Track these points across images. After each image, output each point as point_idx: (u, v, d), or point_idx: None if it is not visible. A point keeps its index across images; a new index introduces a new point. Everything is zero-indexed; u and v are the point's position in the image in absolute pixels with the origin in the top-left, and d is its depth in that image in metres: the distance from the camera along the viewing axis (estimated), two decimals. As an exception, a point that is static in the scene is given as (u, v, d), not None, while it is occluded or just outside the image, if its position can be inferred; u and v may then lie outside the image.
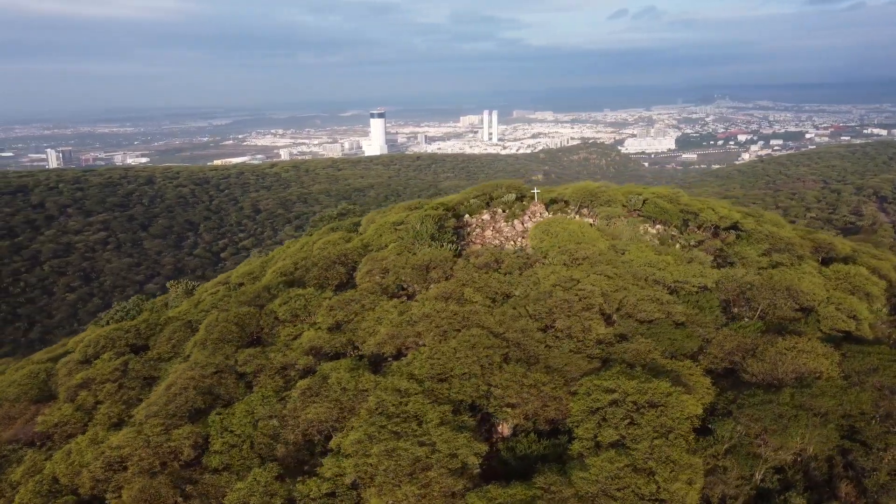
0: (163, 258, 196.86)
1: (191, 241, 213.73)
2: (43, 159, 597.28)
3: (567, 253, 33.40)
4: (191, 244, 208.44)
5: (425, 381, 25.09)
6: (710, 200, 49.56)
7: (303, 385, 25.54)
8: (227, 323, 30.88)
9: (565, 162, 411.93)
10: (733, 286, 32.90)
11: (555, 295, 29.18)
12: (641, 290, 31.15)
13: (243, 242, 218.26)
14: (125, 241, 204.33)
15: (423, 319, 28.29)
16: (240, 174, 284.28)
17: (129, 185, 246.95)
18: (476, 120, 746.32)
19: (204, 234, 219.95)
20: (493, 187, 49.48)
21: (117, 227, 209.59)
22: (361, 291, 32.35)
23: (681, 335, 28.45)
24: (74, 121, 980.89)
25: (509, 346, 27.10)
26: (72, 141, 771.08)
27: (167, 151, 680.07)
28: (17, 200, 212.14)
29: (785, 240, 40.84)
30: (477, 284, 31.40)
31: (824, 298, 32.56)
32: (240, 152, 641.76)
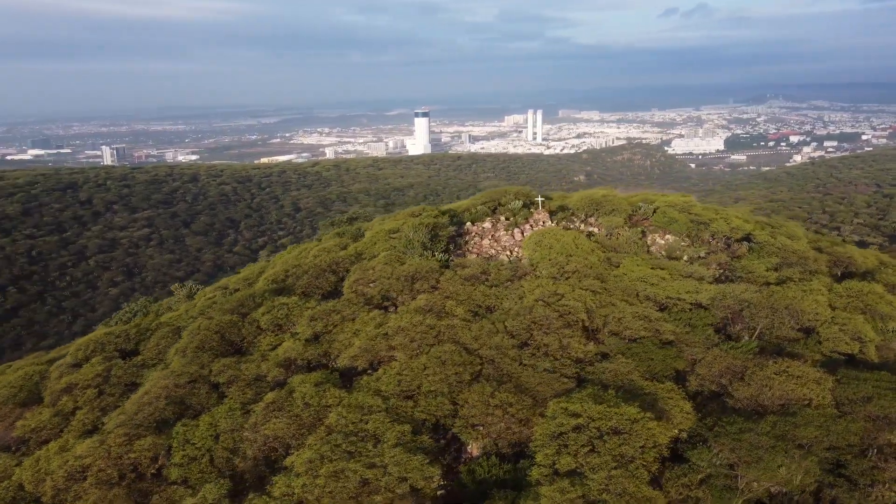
0: (203, 255, 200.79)
1: (231, 238, 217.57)
2: (98, 156, 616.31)
3: (557, 266, 32.42)
4: (231, 241, 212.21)
5: (391, 398, 24.55)
6: (726, 210, 47.76)
7: (269, 398, 25.26)
8: (208, 331, 30.85)
9: (608, 162, 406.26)
10: (730, 303, 31.44)
11: (535, 310, 28.29)
12: (630, 306, 30.01)
13: (282, 241, 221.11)
14: (168, 237, 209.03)
15: (397, 333, 27.73)
16: (282, 173, 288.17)
17: (174, 183, 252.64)
18: (521, 119, 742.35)
19: (244, 232, 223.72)
20: (501, 194, 48.64)
21: (161, 224, 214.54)
22: (344, 302, 31.97)
23: (664, 355, 27.25)
24: (130, 118, 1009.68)
25: (483, 363, 26.37)
26: (126, 138, 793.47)
27: (216, 149, 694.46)
28: (67, 197, 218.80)
29: (798, 253, 38.97)
30: (460, 297, 30.70)
31: (828, 318, 30.87)
32: (286, 150, 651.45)
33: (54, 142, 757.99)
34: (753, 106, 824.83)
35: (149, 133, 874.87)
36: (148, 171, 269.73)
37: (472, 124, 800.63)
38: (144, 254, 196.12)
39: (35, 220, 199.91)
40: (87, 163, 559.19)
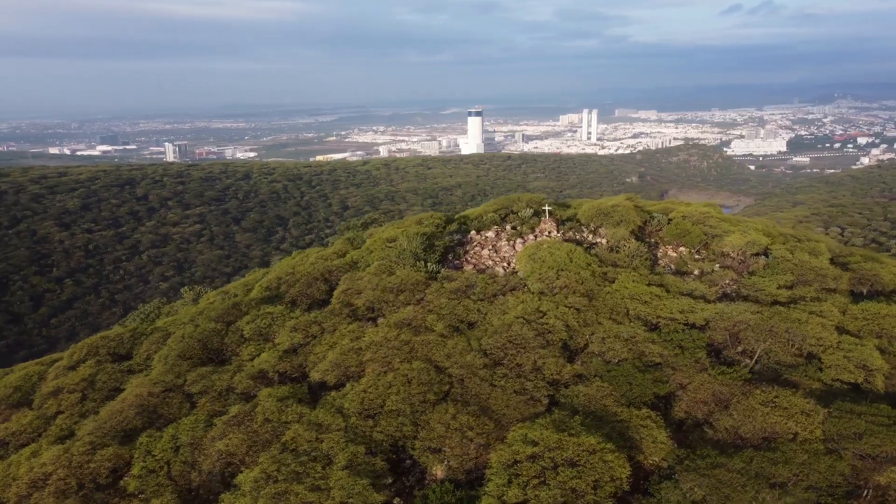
0: (251, 251, 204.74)
1: (279, 235, 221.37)
2: (161, 152, 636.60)
3: (545, 281, 31.32)
4: (279, 238, 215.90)
5: (352, 417, 24.02)
6: (751, 221, 45.64)
7: (233, 411, 25.06)
8: (190, 339, 30.92)
9: (663, 163, 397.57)
10: (726, 325, 29.79)
11: (513, 328, 27.34)
12: (617, 325, 28.73)
13: (329, 239, 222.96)
14: (218, 233, 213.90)
15: (370, 348, 27.20)
16: (332, 171, 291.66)
17: (227, 180, 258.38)
18: (576, 119, 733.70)
19: (292, 230, 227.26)
20: (514, 201, 47.62)
21: (212, 220, 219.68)
22: (326, 313, 31.61)
23: (644, 379, 25.91)
24: (193, 116, 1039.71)
25: (452, 382, 25.58)
26: (189, 135, 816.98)
27: (274, 146, 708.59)
28: (125, 192, 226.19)
29: (816, 270, 36.80)
30: (443, 311, 29.93)
31: (833, 343, 28.93)
32: (341, 148, 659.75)
33: (121, 138, 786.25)
34: (820, 106, 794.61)
35: (210, 130, 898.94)
36: (203, 169, 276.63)
37: (526, 123, 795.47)
38: (195, 249, 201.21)
39: (94, 215, 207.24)
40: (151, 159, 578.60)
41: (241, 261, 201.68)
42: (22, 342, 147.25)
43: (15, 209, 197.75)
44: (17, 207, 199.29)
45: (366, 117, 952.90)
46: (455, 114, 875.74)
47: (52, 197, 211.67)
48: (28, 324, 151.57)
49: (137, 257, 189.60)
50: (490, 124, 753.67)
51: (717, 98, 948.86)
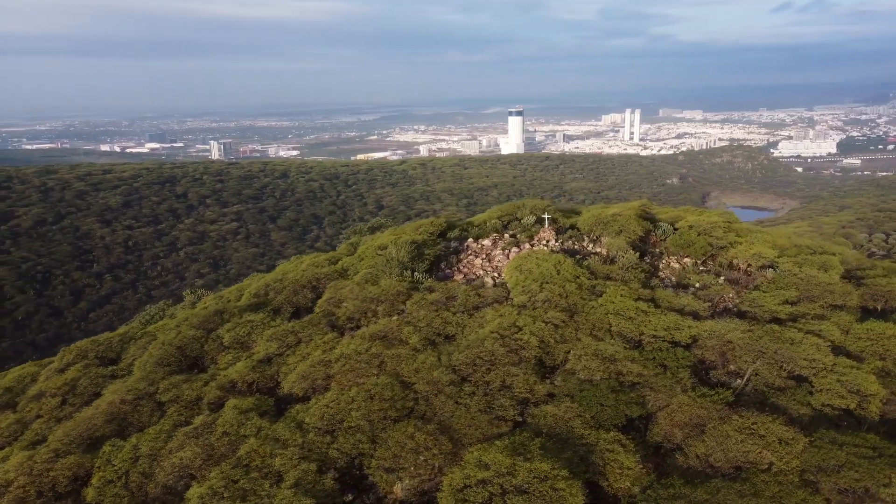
0: (286, 250, 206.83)
1: (314, 234, 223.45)
2: (207, 150, 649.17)
3: (528, 293, 30.45)
4: (313, 237, 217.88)
5: (311, 432, 23.61)
6: (761, 232, 43.88)
7: (197, 422, 24.91)
8: (170, 346, 30.95)
9: (706, 165, 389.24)
10: (714, 343, 28.51)
11: (485, 344, 26.58)
12: (597, 342, 27.71)
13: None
14: (254, 231, 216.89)
15: (338, 361, 26.77)
16: (369, 170, 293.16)
17: (265, 179, 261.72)
18: (618, 119, 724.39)
19: (327, 228, 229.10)
20: (518, 207, 46.71)
21: (249, 218, 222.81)
22: (305, 322, 31.29)
23: (616, 400, 24.89)
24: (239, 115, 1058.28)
25: (417, 399, 24.96)
26: (234, 133, 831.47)
27: (316, 145, 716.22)
28: (165, 190, 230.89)
29: (822, 286, 35.11)
30: (421, 323, 29.33)
31: (827, 365, 27.43)
32: (382, 147, 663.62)
33: (169, 136, 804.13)
34: (873, 106, 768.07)
35: (255, 129, 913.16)
36: (242, 167, 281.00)
37: (567, 123, 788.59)
38: (231, 247, 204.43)
39: (135, 212, 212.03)
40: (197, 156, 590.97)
41: (275, 259, 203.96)
42: (61, 335, 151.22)
43: (60, 205, 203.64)
44: (62, 204, 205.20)
45: (407, 116, 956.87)
46: (496, 113, 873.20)
47: (96, 194, 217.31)
48: (68, 317, 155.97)
49: (175, 254, 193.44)
50: (531, 124, 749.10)
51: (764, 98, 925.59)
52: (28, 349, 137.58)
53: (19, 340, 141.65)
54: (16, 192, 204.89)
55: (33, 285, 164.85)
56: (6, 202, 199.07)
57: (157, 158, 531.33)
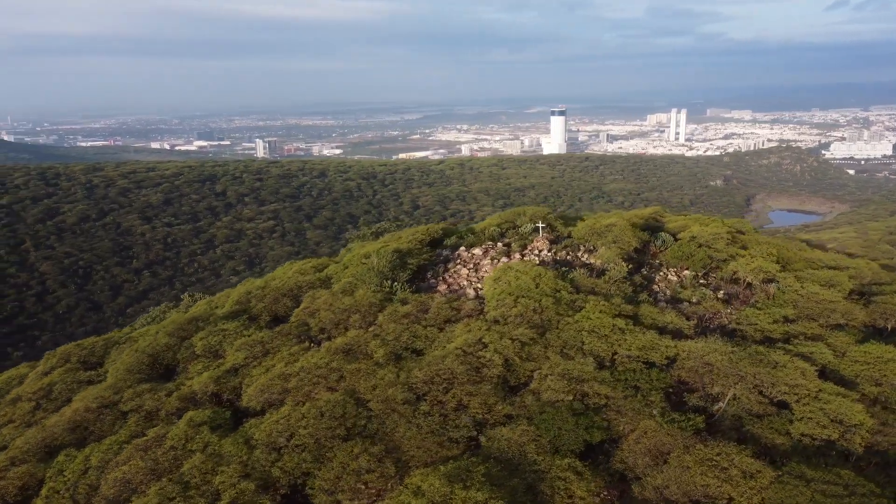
0: (320, 248, 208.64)
1: (349, 233, 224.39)
2: (252, 148, 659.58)
3: (502, 308, 29.49)
4: (348, 237, 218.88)
5: (258, 449, 23.15)
6: (766, 244, 41.96)
7: (151, 434, 24.71)
8: (142, 353, 30.92)
9: (752, 166, 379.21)
10: (691, 365, 27.12)
11: (445, 361, 25.74)
12: (567, 361, 26.59)
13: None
14: (290, 230, 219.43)
15: (297, 374, 26.26)
16: (406, 170, 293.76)
17: (304, 178, 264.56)
18: (664, 118, 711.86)
19: (362, 227, 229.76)
20: (518, 214, 45.68)
21: (285, 217, 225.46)
22: (275, 332, 30.90)
23: (575, 424, 23.77)
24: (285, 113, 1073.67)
25: (371, 417, 24.28)
26: (280, 132, 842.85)
27: (359, 144, 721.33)
28: (205, 188, 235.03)
29: (823, 303, 33.27)
30: (388, 337, 28.62)
31: (812, 392, 25.82)
32: (424, 146, 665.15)
33: (217, 134, 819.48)
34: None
35: (300, 127, 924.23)
36: (282, 166, 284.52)
37: (611, 123, 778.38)
38: (266, 245, 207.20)
39: (174, 209, 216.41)
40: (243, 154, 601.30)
41: (308, 257, 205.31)
42: (99, 329, 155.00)
43: (103, 202, 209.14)
44: (106, 201, 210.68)
45: (450, 116, 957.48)
46: (539, 113, 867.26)
47: (138, 191, 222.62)
48: (106, 312, 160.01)
49: (212, 251, 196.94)
50: (574, 123, 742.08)
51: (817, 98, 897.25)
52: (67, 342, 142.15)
53: (59, 334, 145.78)
54: (62, 190, 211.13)
55: (75, 280, 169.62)
56: (53, 199, 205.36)
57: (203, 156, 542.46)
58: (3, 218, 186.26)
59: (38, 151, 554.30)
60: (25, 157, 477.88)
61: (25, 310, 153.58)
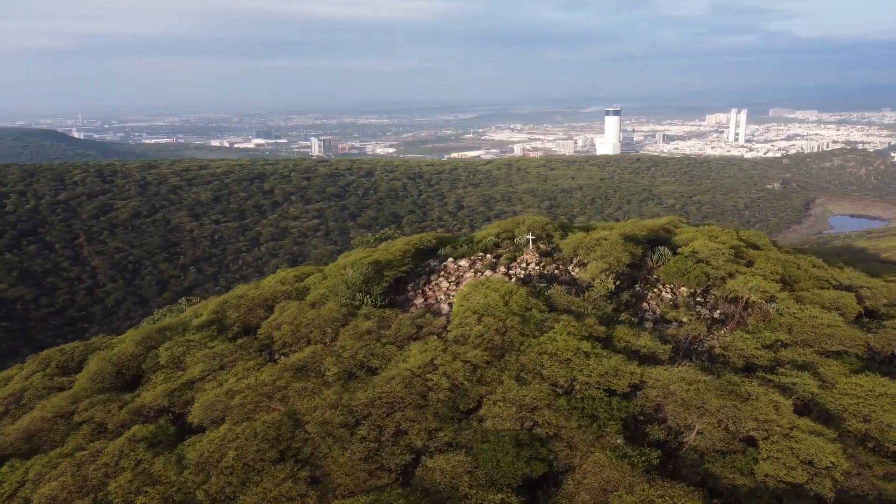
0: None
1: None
2: (308, 146, 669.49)
3: (464, 326, 28.32)
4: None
5: (188, 469, 22.64)
6: (779, 261, 39.56)
7: (90, 448, 24.50)
8: (107, 362, 30.88)
9: (814, 169, 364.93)
10: (656, 394, 25.42)
11: (392, 383, 24.75)
12: (521, 387, 25.24)
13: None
14: (334, 229, 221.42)
15: (243, 392, 25.69)
16: (453, 170, 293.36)
17: (350, 177, 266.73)
18: (723, 119, 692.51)
19: (405, 227, 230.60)
20: (517, 224, 44.35)
21: (330, 216, 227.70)
22: (237, 345, 30.43)
23: (516, 456, 22.44)
24: (341, 112, 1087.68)
25: (306, 440, 23.50)
26: (335, 130, 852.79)
27: (413, 143, 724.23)
28: (253, 186, 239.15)
29: (819, 328, 30.97)
30: (345, 354, 27.78)
31: (784, 429, 23.85)
32: (476, 146, 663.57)
33: (274, 132, 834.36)
34: None
35: (356, 126, 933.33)
36: (330, 165, 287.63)
37: (668, 123, 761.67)
38: (310, 243, 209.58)
39: (223, 207, 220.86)
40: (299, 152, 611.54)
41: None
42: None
43: (155, 199, 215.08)
44: (157, 198, 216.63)
45: (504, 115, 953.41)
46: (595, 112, 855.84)
47: (189, 189, 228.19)
48: (152, 307, 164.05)
49: (256, 249, 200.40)
50: (630, 123, 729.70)
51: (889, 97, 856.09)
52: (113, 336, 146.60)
53: (106, 327, 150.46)
54: (117, 186, 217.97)
55: (124, 275, 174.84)
56: (108, 195, 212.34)
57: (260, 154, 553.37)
58: (60, 213, 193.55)
59: (104, 148, 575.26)
60: (91, 153, 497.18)
61: (76, 303, 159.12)
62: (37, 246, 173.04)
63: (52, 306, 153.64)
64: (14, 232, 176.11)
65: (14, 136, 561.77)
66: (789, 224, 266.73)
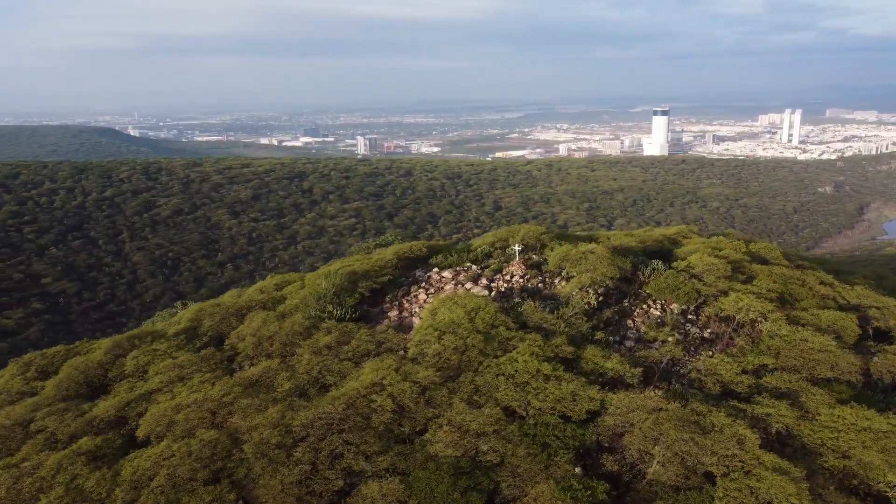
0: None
1: (428, 233, 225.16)
2: (354, 145, 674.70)
3: (423, 344, 27.33)
4: (426, 236, 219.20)
5: (120, 487, 22.24)
6: (766, 279, 37.49)
7: (34, 460, 24.35)
8: (75, 370, 30.86)
9: (870, 172, 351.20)
10: (613, 423, 24.00)
11: (335, 403, 23.94)
12: (471, 410, 24.12)
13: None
14: (370, 228, 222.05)
15: (189, 406, 25.22)
16: (492, 170, 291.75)
17: (389, 176, 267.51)
18: (777, 119, 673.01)
19: (442, 227, 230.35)
20: (512, 233, 43.14)
21: (367, 215, 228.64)
22: (199, 357, 30.01)
23: (452, 486, 21.37)
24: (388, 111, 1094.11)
25: (241, 460, 22.86)
26: (382, 129, 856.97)
27: (458, 142, 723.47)
28: (293, 185, 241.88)
29: (809, 353, 28.99)
30: (300, 369, 27.12)
31: (748, 465, 22.20)
32: (521, 145, 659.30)
33: (322, 131, 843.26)
34: None
35: (402, 125, 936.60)
36: (370, 164, 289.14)
37: (719, 123, 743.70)
38: (345, 242, 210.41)
39: (262, 205, 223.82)
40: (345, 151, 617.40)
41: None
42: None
43: (196, 197, 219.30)
44: (199, 195, 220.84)
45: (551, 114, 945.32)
46: (644, 112, 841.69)
47: (230, 187, 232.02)
48: (188, 303, 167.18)
49: (293, 247, 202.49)
50: (680, 123, 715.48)
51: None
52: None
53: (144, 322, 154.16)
54: (160, 184, 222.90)
55: (163, 270, 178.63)
56: (151, 192, 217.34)
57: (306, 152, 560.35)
58: (105, 209, 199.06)
59: (156, 145, 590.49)
60: (144, 150, 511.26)
61: (116, 297, 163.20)
62: (81, 241, 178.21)
63: (93, 300, 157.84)
64: (61, 227, 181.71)
65: (72, 133, 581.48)
66: (841, 229, 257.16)
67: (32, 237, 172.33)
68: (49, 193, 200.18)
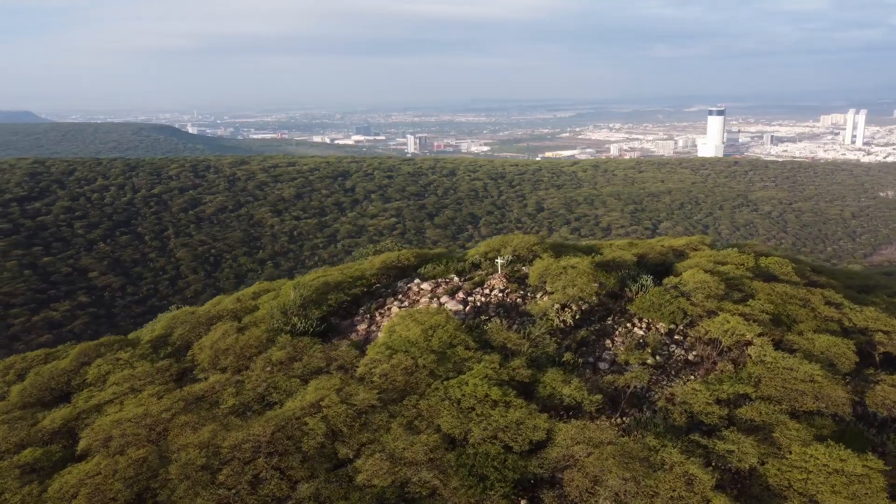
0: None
1: (467, 234, 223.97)
2: (404, 143, 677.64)
3: (374, 363, 26.26)
4: (466, 237, 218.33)
5: (46, 504, 21.91)
6: (761, 299, 35.16)
7: (-26, 472, 24.27)
8: (39, 376, 30.86)
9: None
10: (556, 456, 22.47)
11: (266, 424, 23.10)
12: (410, 436, 23.00)
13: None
14: (410, 227, 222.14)
15: (128, 421, 24.76)
16: (536, 170, 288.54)
17: (432, 176, 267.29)
18: (840, 119, 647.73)
19: (482, 228, 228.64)
20: (504, 243, 41.78)
21: (407, 215, 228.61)
22: (155, 368, 29.60)
23: (371, 522, 20.30)
24: (440, 109, 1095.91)
25: (166, 482, 22.22)
26: (433, 128, 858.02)
27: (508, 141, 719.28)
28: (336, 184, 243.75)
29: (793, 382, 26.84)
30: (248, 386, 26.42)
31: (695, 509, 20.46)
32: (572, 145, 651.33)
33: (374, 129, 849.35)
34: None
35: (453, 123, 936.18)
36: (414, 164, 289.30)
37: (778, 124, 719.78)
38: (385, 242, 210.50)
39: (304, 203, 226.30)
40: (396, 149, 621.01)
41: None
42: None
43: (241, 195, 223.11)
44: (244, 193, 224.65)
45: (604, 114, 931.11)
46: (699, 112, 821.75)
47: (274, 185, 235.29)
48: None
49: (333, 246, 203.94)
50: (737, 124, 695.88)
51: None
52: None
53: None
54: (207, 181, 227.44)
55: (205, 267, 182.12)
56: (198, 190, 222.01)
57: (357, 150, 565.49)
58: (153, 206, 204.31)
59: (212, 142, 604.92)
60: (200, 147, 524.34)
61: (159, 292, 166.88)
62: (128, 237, 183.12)
63: (136, 295, 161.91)
64: (110, 223, 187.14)
65: (133, 130, 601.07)
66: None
67: (82, 232, 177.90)
68: (101, 189, 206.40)
